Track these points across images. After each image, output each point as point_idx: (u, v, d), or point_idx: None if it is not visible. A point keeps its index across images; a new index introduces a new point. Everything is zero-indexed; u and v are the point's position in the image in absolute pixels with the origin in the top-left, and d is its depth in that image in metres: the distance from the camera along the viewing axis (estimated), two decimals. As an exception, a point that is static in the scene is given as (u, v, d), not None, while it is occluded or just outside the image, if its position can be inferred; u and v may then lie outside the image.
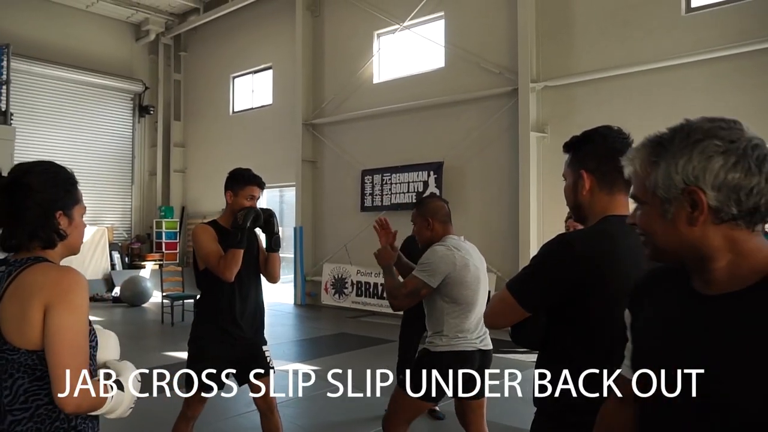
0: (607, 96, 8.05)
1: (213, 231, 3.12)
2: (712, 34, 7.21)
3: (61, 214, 1.53)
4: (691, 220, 1.01)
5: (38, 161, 1.57)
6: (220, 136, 14.25)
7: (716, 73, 7.21)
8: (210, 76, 14.65)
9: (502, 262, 8.94)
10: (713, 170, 0.97)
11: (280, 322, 10.04)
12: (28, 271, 1.44)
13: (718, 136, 0.99)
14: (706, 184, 0.98)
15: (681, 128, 1.06)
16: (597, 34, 8.25)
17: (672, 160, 1.03)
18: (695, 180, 0.99)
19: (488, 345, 2.92)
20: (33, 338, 1.39)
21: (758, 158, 0.97)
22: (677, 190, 1.01)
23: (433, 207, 3.02)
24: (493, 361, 3.05)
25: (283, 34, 12.62)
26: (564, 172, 1.76)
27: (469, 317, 2.84)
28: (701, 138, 1.01)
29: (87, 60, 13.79)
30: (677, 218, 1.02)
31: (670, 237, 1.05)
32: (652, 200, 1.06)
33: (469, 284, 2.83)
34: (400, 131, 10.48)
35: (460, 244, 2.92)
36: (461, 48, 9.67)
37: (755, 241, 1.00)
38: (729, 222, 0.99)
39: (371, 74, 11.08)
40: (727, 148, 0.98)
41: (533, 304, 1.60)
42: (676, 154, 1.03)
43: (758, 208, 0.98)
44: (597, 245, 1.57)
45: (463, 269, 2.81)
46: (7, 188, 1.48)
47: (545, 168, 8.54)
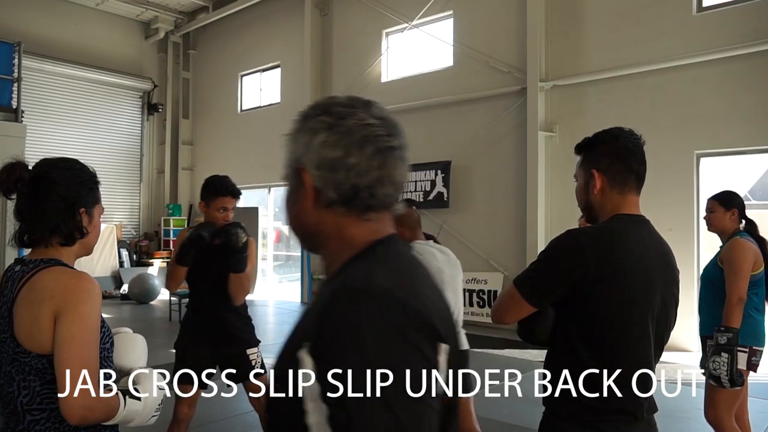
0: (617, 96, 8.00)
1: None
2: (723, 34, 7.15)
3: (83, 211, 1.54)
4: (299, 202, 0.93)
5: (63, 158, 1.58)
6: (228, 134, 14.29)
7: (728, 73, 7.15)
8: (218, 75, 14.69)
9: (509, 261, 8.92)
10: (314, 146, 0.89)
11: (287, 321, 10.06)
12: (42, 274, 1.44)
13: (331, 112, 0.90)
14: (310, 162, 0.89)
15: (316, 103, 0.95)
16: (607, 33, 8.20)
17: (294, 136, 0.93)
18: (300, 157, 0.91)
19: (463, 345, 2.95)
20: (43, 343, 1.39)
21: (364, 138, 0.88)
22: (291, 168, 0.93)
23: (402, 214, 3.05)
24: (494, 361, 3.08)
25: (291, 32, 12.63)
26: (575, 173, 1.76)
27: None
28: (316, 113, 0.91)
29: (97, 58, 13.87)
30: (300, 199, 0.93)
31: (296, 220, 0.96)
32: (286, 178, 0.97)
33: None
34: (408, 130, 10.08)
35: (422, 248, 2.94)
36: (470, 47, 9.64)
37: (359, 229, 0.91)
38: (334, 206, 0.90)
39: (379, 73, 11.08)
40: (333, 124, 0.88)
41: (540, 299, 1.59)
42: (299, 129, 0.93)
43: (358, 192, 0.88)
44: (605, 241, 1.57)
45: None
46: (32, 182, 1.48)
47: (553, 167, 8.51)
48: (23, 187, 1.48)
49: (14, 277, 1.47)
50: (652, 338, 1.60)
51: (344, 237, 0.91)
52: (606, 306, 1.53)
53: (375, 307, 0.78)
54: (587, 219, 1.75)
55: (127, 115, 14.78)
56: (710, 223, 3.28)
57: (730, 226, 3.20)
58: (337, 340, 0.77)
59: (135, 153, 14.92)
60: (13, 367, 1.41)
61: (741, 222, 3.24)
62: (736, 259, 3.03)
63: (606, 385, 1.53)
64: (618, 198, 1.65)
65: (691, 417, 4.84)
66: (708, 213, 3.29)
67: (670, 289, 1.64)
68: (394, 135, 0.92)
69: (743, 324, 2.99)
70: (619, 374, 1.54)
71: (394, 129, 0.93)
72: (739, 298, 2.94)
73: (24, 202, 1.49)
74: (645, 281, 1.56)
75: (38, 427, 1.41)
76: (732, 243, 3.10)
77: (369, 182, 0.88)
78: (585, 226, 1.70)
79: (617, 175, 1.64)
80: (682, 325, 4.84)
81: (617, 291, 1.53)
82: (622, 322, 1.54)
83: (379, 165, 0.88)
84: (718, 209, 3.23)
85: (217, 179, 3.12)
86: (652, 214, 2.06)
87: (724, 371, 2.84)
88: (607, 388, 1.53)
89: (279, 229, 15.66)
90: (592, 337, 1.55)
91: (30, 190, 1.48)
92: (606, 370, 1.53)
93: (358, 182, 0.88)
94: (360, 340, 0.76)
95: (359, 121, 0.89)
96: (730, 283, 2.99)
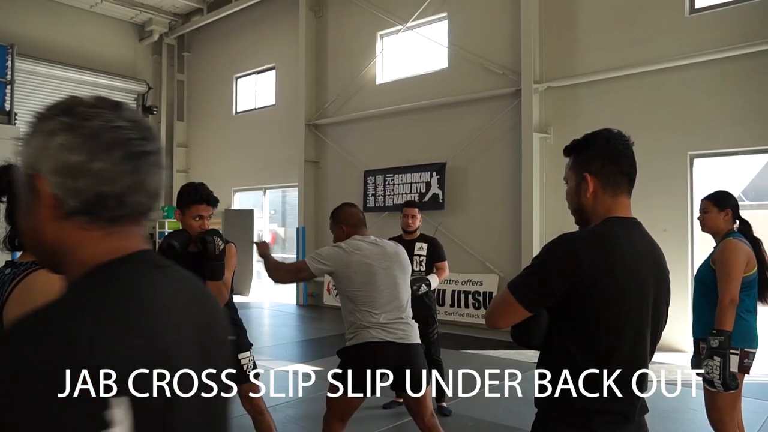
0: (611, 97, 8.03)
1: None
2: (716, 35, 7.19)
3: None
4: (31, 212, 0.82)
5: None
6: (223, 136, 14.27)
7: (721, 74, 7.19)
8: (213, 77, 14.67)
9: (504, 262, 8.93)
10: (52, 149, 0.79)
11: (283, 323, 10.04)
12: (35, 275, 1.44)
13: (72, 112, 0.82)
14: (47, 168, 0.79)
15: (55, 102, 0.86)
16: (601, 34, 8.24)
17: (27, 139, 0.83)
18: (34, 162, 0.80)
19: (408, 339, 3.03)
20: None
21: (112, 141, 0.80)
22: (23, 175, 0.82)
23: (344, 215, 3.22)
24: (490, 362, 3.10)
25: (286, 34, 12.63)
26: (565, 175, 1.76)
27: (371, 311, 2.98)
28: (54, 113, 0.83)
29: (91, 60, 13.82)
30: (34, 210, 0.82)
31: (32, 234, 0.85)
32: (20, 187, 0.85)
33: (358, 279, 2.99)
34: (403, 132, 10.48)
35: (357, 244, 3.08)
36: (464, 49, 9.66)
37: (98, 246, 0.82)
38: (75, 217, 0.80)
39: (374, 75, 11.08)
40: (74, 125, 0.80)
41: (534, 303, 1.59)
42: (33, 130, 0.83)
43: (105, 201, 0.80)
44: (598, 244, 1.57)
45: (351, 267, 3.00)
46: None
47: (548, 169, 8.53)
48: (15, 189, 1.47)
49: (4, 279, 1.46)
50: (647, 339, 1.61)
51: (79, 256, 0.82)
52: (601, 309, 1.54)
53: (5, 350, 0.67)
54: (578, 222, 1.74)
55: (121, 118, 14.73)
56: (704, 223, 3.27)
57: (724, 226, 3.19)
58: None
59: (129, 155, 14.87)
60: None
61: (735, 222, 3.22)
62: (728, 261, 3.01)
63: (602, 387, 1.54)
64: (610, 201, 1.65)
65: (687, 418, 4.86)
66: (702, 213, 3.27)
67: (661, 291, 1.65)
68: (147, 139, 0.85)
69: (735, 326, 2.98)
70: (614, 376, 1.54)
71: (148, 133, 0.85)
72: (731, 300, 2.92)
73: (14, 205, 1.48)
74: (638, 283, 1.58)
75: None
76: (724, 244, 3.08)
77: (118, 190, 0.81)
78: (578, 230, 1.70)
79: (609, 178, 1.64)
80: (677, 327, 4.86)
81: (611, 294, 1.53)
82: (617, 325, 1.55)
83: (130, 171, 0.81)
84: (711, 209, 3.22)
85: (191, 187, 3.06)
86: (646, 215, 2.07)
87: (717, 375, 2.83)
88: (602, 389, 1.54)
89: (274, 231, 15.65)
90: (587, 339, 1.56)
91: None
92: (601, 371, 1.54)
93: (104, 190, 0.80)
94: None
95: (106, 122, 0.81)
96: (722, 285, 2.97)
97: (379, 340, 2.95)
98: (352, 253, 3.02)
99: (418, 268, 4.81)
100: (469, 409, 4.97)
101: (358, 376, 2.95)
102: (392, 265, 3.10)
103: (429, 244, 4.90)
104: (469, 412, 4.89)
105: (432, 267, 4.86)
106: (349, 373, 2.97)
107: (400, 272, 3.13)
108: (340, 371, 3.02)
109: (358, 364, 2.97)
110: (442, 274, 4.87)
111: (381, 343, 2.95)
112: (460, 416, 4.80)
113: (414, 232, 4.93)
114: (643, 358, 1.60)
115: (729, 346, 2.87)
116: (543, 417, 1.64)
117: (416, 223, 4.92)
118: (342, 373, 3.00)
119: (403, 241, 4.93)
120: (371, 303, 2.98)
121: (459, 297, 9.06)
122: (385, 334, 2.96)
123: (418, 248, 4.86)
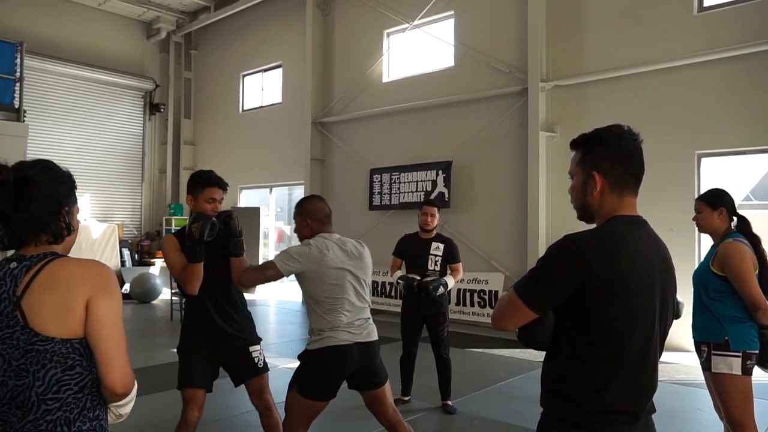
0: (618, 96, 8.00)
1: (176, 242, 3.08)
2: (724, 34, 7.15)
3: (67, 210, 1.58)
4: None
5: (39, 159, 1.60)
6: (229, 134, 14.31)
7: (729, 73, 7.15)
8: (220, 75, 14.71)
9: (510, 261, 8.93)
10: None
11: (288, 320, 10.07)
12: (60, 263, 1.49)
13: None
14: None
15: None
16: (608, 33, 8.21)
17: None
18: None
19: (370, 337, 2.98)
20: (74, 327, 1.46)
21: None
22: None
23: (311, 208, 3.06)
24: (494, 361, 3.06)
25: (293, 32, 12.65)
26: (571, 169, 1.73)
27: (338, 313, 2.89)
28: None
29: (99, 58, 13.90)
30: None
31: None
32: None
33: (326, 279, 2.88)
34: (409, 130, 10.48)
35: (324, 242, 2.95)
36: (471, 47, 9.65)
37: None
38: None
39: (381, 73, 11.08)
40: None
41: (541, 305, 1.58)
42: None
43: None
44: (605, 245, 1.56)
45: (322, 266, 2.88)
46: (16, 183, 1.50)
47: (554, 168, 8.51)
48: (7, 188, 1.50)
49: (13, 273, 1.48)
50: (655, 338, 1.60)
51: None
52: (608, 309, 1.53)
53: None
54: (581, 217, 1.73)
55: (129, 115, 14.80)
56: (699, 224, 3.20)
57: (720, 225, 3.12)
58: None
59: (137, 153, 14.94)
60: (26, 359, 1.44)
61: (732, 220, 3.14)
62: (738, 266, 2.95)
63: (609, 386, 1.54)
64: (616, 200, 1.64)
65: (694, 417, 4.85)
66: (696, 214, 3.20)
67: (668, 288, 1.65)
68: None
69: (735, 329, 2.95)
70: (622, 376, 1.54)
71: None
72: (758, 296, 2.90)
73: (8, 203, 1.50)
74: (646, 283, 1.57)
75: (50, 416, 1.45)
76: (727, 249, 3.01)
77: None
78: (583, 231, 1.69)
79: (618, 179, 1.63)
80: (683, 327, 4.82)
81: (619, 294, 1.53)
82: (625, 324, 1.54)
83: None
84: (704, 209, 3.14)
85: (202, 172, 3.18)
86: (653, 215, 2.06)
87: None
88: (610, 389, 1.54)
89: (280, 228, 15.69)
90: (594, 339, 1.55)
91: (15, 191, 1.50)
92: (608, 371, 1.54)
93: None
94: None
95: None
96: (743, 290, 2.93)
97: (346, 342, 2.87)
98: (324, 253, 2.89)
99: (433, 268, 4.81)
100: (474, 408, 4.97)
101: (325, 381, 2.88)
102: (358, 265, 3.01)
103: (446, 244, 4.90)
104: (474, 411, 4.89)
105: (446, 267, 4.86)
106: (315, 378, 2.88)
107: (362, 273, 3.03)
108: (305, 375, 2.92)
109: (325, 369, 2.88)
110: (457, 275, 4.87)
111: (348, 346, 2.88)
112: (466, 415, 4.80)
113: (431, 231, 4.93)
114: (651, 357, 1.60)
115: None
116: (548, 417, 1.63)
117: (434, 222, 4.92)
118: (308, 377, 2.90)
119: (420, 239, 4.92)
120: (339, 304, 2.89)
121: (464, 295, 9.06)
122: (351, 336, 2.89)
123: (434, 248, 4.87)
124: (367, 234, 10.51)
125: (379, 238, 9.52)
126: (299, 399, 2.90)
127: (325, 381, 2.89)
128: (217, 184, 3.12)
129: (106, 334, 1.46)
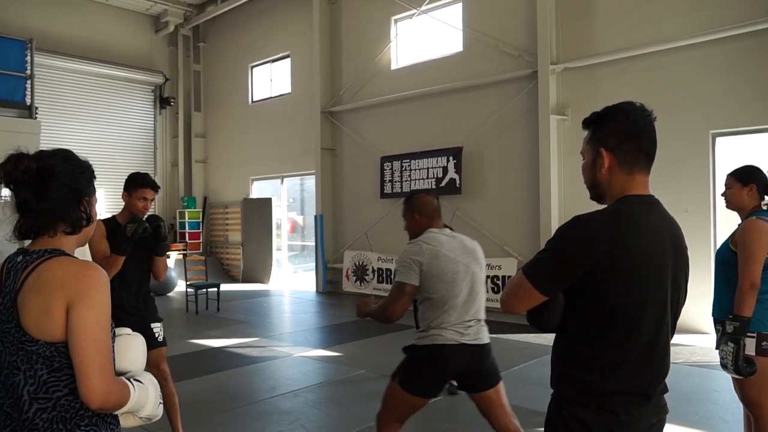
0: (630, 77, 7.90)
1: (104, 229, 3.41)
2: (735, 11, 7.01)
3: (87, 200, 1.58)
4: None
5: (60, 149, 1.59)
6: (239, 125, 14.34)
7: (742, 50, 7.03)
8: (229, 66, 14.72)
9: (523, 246, 8.90)
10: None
11: (303, 310, 10.13)
12: (49, 264, 1.45)
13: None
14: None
15: None
16: (618, 13, 8.09)
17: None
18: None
19: (480, 340, 2.85)
20: (53, 332, 1.41)
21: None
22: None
23: (419, 203, 3.01)
24: (508, 345, 3.02)
25: (300, 22, 12.60)
26: (582, 149, 1.71)
27: (448, 311, 2.79)
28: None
29: (108, 53, 13.95)
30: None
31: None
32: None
33: (441, 277, 2.79)
34: (419, 117, 10.43)
35: (435, 237, 2.88)
36: (479, 31, 9.56)
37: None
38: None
39: (389, 60, 11.03)
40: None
41: (550, 288, 1.57)
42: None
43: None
44: (614, 225, 1.54)
45: (432, 262, 2.79)
46: (37, 172, 1.50)
47: (566, 151, 8.44)
48: (29, 177, 1.49)
49: (17, 267, 1.48)
50: (667, 318, 1.59)
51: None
52: (618, 291, 1.51)
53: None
54: (593, 197, 1.70)
55: (139, 109, 14.87)
56: (727, 199, 3.14)
57: (749, 202, 3.04)
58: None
59: (148, 146, 15.03)
60: (18, 357, 1.43)
61: (763, 199, 3.05)
62: (749, 243, 2.87)
63: (619, 368, 1.53)
64: (626, 178, 1.61)
65: (710, 398, 4.82)
66: (726, 189, 3.14)
67: (680, 268, 1.62)
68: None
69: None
70: (633, 358, 1.53)
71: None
72: (752, 284, 2.81)
73: (30, 192, 1.49)
74: (657, 264, 1.55)
75: (45, 414, 1.43)
76: (746, 225, 2.95)
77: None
78: (593, 211, 1.67)
79: (627, 155, 1.59)
80: (699, 308, 4.79)
81: (630, 276, 1.51)
82: (636, 306, 1.52)
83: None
84: (734, 185, 3.07)
85: (138, 174, 3.58)
86: (667, 195, 2.04)
87: (730, 360, 2.76)
88: (620, 372, 1.53)
89: (293, 219, 15.74)
90: (605, 321, 1.54)
91: (36, 180, 1.50)
92: (619, 353, 1.53)
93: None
94: None
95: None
96: (743, 268, 2.85)
97: (453, 342, 2.75)
98: (436, 248, 2.79)
99: None
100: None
101: (427, 379, 2.80)
102: (472, 260, 2.91)
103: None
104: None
105: None
106: (418, 374, 2.80)
107: (478, 269, 2.92)
108: (407, 370, 2.84)
109: (427, 367, 2.79)
110: None
111: (453, 346, 2.75)
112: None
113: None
114: (663, 337, 1.58)
115: (745, 333, 2.78)
116: (559, 398, 1.63)
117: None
118: (410, 372, 2.82)
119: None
120: (449, 302, 2.78)
121: (478, 281, 9.05)
122: (459, 336, 2.77)
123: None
124: (380, 222, 10.52)
125: (392, 226, 9.53)
126: (399, 391, 2.83)
127: (426, 379, 2.80)
128: (150, 186, 3.52)
129: (80, 346, 1.37)
